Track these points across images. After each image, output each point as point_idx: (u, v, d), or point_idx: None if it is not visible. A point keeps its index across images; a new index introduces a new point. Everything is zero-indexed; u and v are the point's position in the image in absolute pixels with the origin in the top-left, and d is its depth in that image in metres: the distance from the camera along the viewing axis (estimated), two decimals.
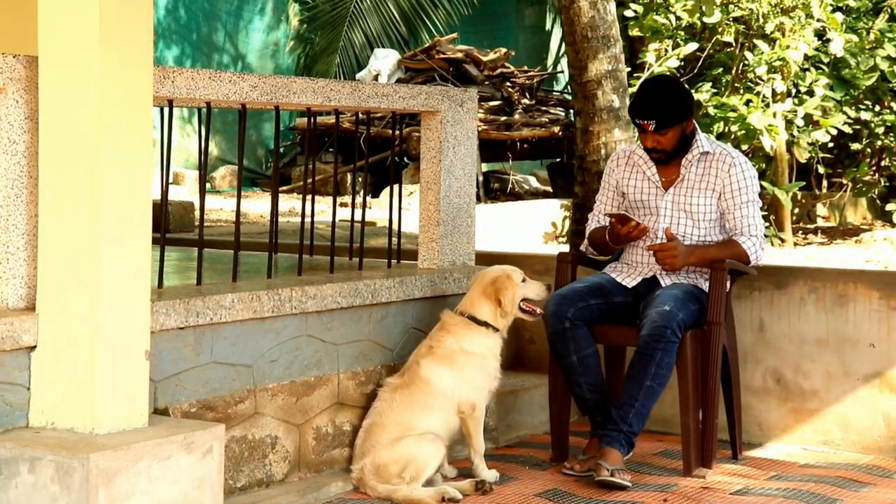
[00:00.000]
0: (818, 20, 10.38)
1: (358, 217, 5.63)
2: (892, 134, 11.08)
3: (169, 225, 8.03)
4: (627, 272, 5.26)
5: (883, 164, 11.74)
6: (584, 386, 5.11)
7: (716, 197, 5.16)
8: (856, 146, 11.53)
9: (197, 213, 8.63)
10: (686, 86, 5.63)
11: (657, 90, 5.18)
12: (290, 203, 11.93)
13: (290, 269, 5.25)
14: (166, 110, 4.69)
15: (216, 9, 16.18)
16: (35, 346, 3.92)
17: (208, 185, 13.99)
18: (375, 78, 14.14)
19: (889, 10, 11.16)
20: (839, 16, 10.51)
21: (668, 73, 6.34)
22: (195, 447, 3.92)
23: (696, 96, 10.69)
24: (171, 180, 5.62)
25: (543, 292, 5.04)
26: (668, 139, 5.10)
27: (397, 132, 7.04)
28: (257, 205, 12.23)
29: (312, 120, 5.54)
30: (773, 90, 10.43)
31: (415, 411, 4.80)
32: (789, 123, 10.43)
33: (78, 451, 3.66)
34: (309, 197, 5.36)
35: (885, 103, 11.16)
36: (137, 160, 3.94)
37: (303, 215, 5.40)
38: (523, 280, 5.02)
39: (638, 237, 5.14)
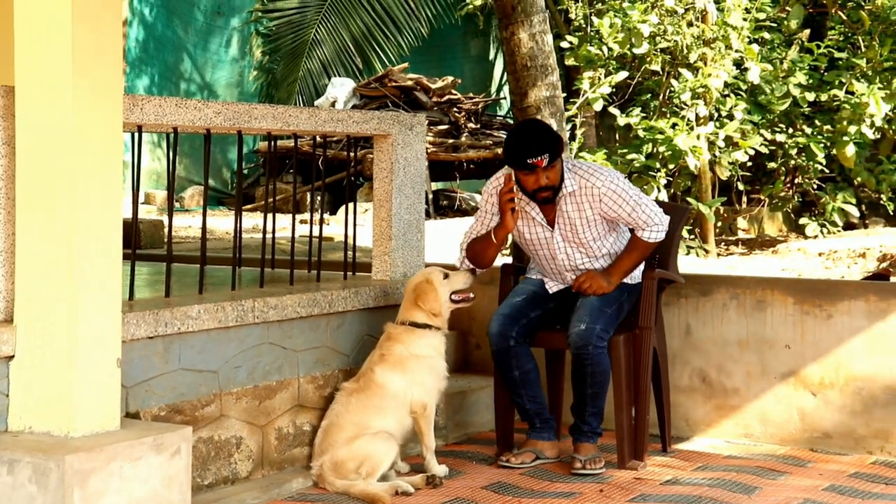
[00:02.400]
0: (736, 51, 10.45)
1: (316, 233, 5.60)
2: (804, 154, 11.18)
3: (140, 241, 7.96)
4: (550, 278, 5.23)
5: (796, 181, 11.83)
6: (524, 397, 5.12)
7: (599, 221, 5.02)
8: (772, 165, 11.61)
9: (166, 230, 8.56)
10: None
11: (536, 128, 4.98)
12: (253, 220, 11.85)
13: (253, 281, 5.22)
14: (136, 135, 4.65)
15: (184, 41, 16.09)
16: (13, 356, 3.87)
17: (177, 205, 13.90)
18: (333, 104, 14.12)
19: (800, 42, 11.26)
20: (756, 47, 10.60)
21: (532, 118, 6.28)
22: (164, 448, 3.88)
23: (627, 120, 10.74)
24: (142, 200, 5.58)
25: (469, 280, 5.04)
26: (555, 173, 4.92)
27: (352, 154, 7.03)
28: (223, 222, 12.14)
29: (273, 143, 5.52)
30: (697, 114, 10.48)
31: (370, 413, 4.78)
32: (711, 144, 10.49)
33: (54, 453, 3.62)
34: (270, 215, 5.33)
35: (798, 126, 11.26)
36: (108, 182, 3.90)
37: (264, 231, 5.37)
38: (446, 277, 5.01)
39: (512, 198, 4.98)
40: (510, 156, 4.92)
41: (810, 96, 10.88)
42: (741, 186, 11.81)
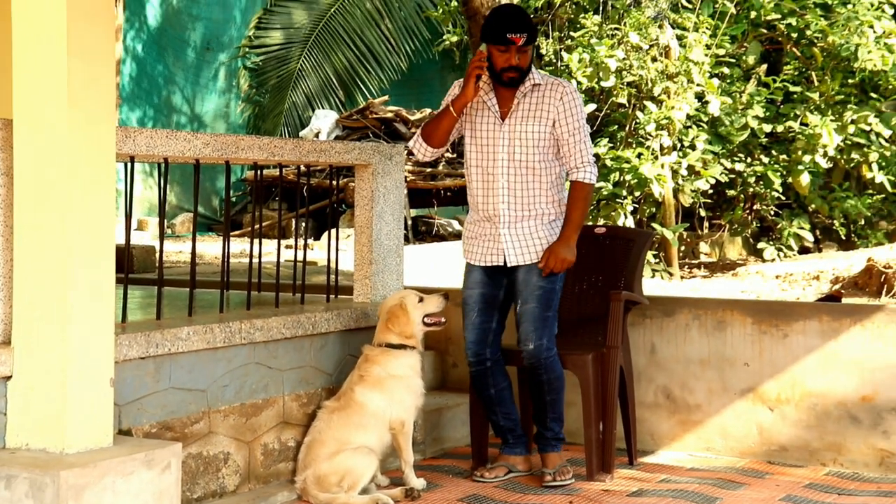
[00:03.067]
0: (698, 85, 10.53)
1: (300, 257, 5.60)
2: (761, 182, 11.25)
3: (133, 266, 7.94)
4: (479, 250, 5.01)
5: (755, 208, 11.91)
6: (499, 414, 5.12)
7: (549, 124, 4.90)
8: (732, 192, 11.68)
9: (158, 255, 8.54)
10: None
11: (519, 9, 4.87)
12: (240, 246, 11.83)
13: (241, 304, 5.21)
14: (129, 165, 4.65)
15: (175, 76, 16.09)
16: (10, 376, 3.86)
17: (168, 231, 13.86)
18: (316, 135, 14.13)
19: (758, 77, 11.35)
20: (716, 81, 10.68)
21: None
22: (155, 463, 3.87)
23: (595, 150, 10.79)
24: (135, 227, 5.55)
25: (441, 304, 5.02)
26: (526, 58, 4.82)
27: (335, 182, 7.03)
28: (212, 247, 12.11)
29: (259, 173, 5.53)
30: (661, 145, 10.54)
31: (351, 430, 4.77)
32: (675, 173, 10.55)
33: (49, 469, 3.61)
34: (257, 240, 5.33)
35: (756, 156, 11.34)
36: (102, 210, 3.90)
37: (251, 256, 5.37)
38: (420, 300, 5.00)
39: (481, 66, 4.82)
40: (491, 29, 4.81)
41: (767, 128, 10.97)
42: (703, 213, 11.88)
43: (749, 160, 11.34)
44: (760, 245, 11.79)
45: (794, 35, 11.09)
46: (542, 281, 4.94)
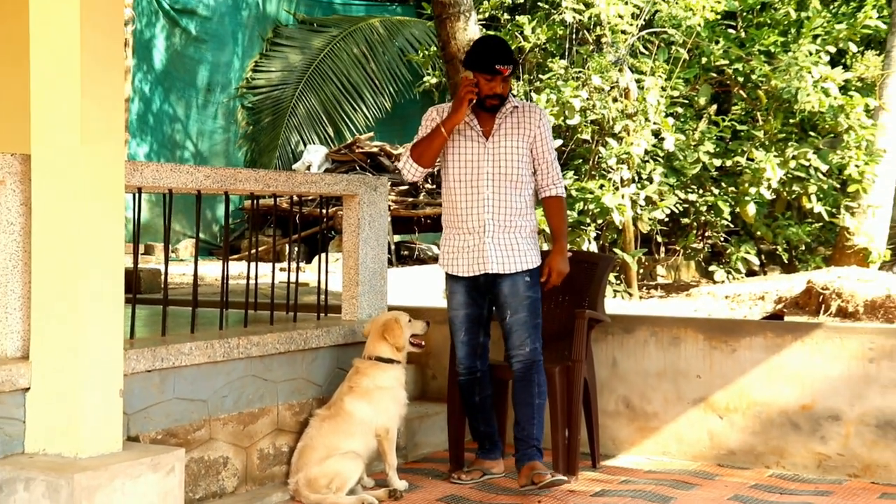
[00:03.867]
0: (654, 123, 10.61)
1: (293, 279, 5.62)
2: (712, 211, 11.32)
3: (140, 287, 7.92)
4: (462, 262, 4.93)
5: (706, 234, 11.97)
6: (479, 420, 5.13)
7: (529, 141, 4.90)
8: (685, 220, 11.74)
9: (163, 277, 8.51)
10: None
11: (503, 43, 4.88)
12: (239, 268, 11.80)
13: (239, 321, 5.22)
14: (137, 196, 4.66)
15: (178, 113, 16.09)
16: (29, 388, 3.86)
17: (173, 255, 13.82)
18: (308, 168, 14.14)
19: (708, 116, 11.44)
20: (671, 120, 10.76)
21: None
22: (160, 467, 3.87)
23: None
24: (143, 252, 5.55)
25: (425, 328, 5.05)
26: (506, 87, 4.86)
27: (325, 211, 7.06)
28: (212, 270, 12.07)
29: (256, 202, 5.54)
30: (622, 177, 10.59)
31: (339, 436, 4.77)
32: (634, 203, 10.60)
33: (64, 472, 3.61)
34: (253, 263, 5.34)
35: (707, 187, 11.40)
36: (111, 236, 3.92)
37: (248, 278, 5.38)
38: (409, 321, 5.04)
39: (473, 90, 4.80)
40: (479, 59, 4.81)
41: (717, 162, 11.04)
42: (660, 239, 11.93)
43: (701, 191, 11.41)
44: (711, 268, 11.85)
45: (741, 79, 11.19)
46: (528, 291, 4.91)
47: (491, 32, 10.44)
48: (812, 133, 11.12)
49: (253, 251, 5.54)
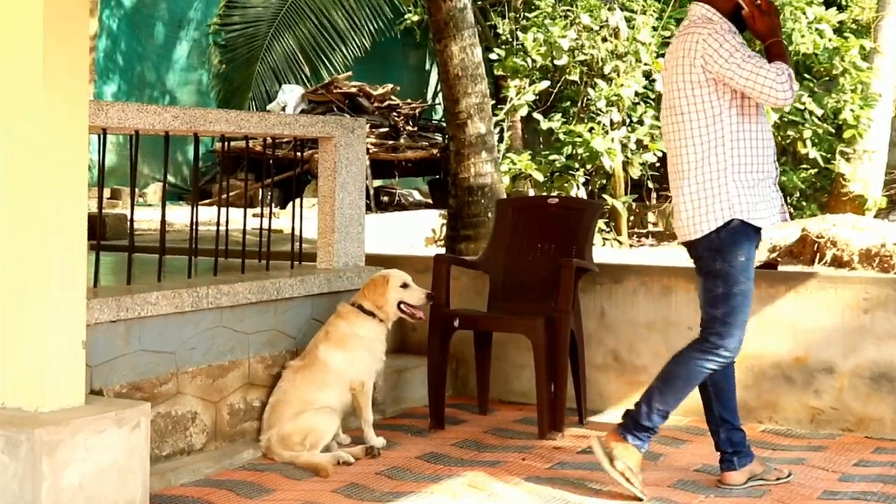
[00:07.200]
0: (645, 64, 10.54)
1: (266, 226, 5.56)
2: None
3: (105, 233, 7.85)
4: (770, 212, 4.39)
5: None
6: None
7: None
8: None
9: (129, 223, 8.42)
10: None
11: None
12: (209, 214, 11.71)
13: (208, 270, 5.16)
14: (101, 137, 4.58)
15: (147, 51, 15.89)
16: None
17: (140, 200, 13.72)
18: (283, 109, 14.00)
19: None
20: (662, 61, 10.70)
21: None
22: (125, 422, 3.84)
23: (549, 125, 10.77)
24: (109, 196, 5.47)
25: (423, 300, 4.96)
26: None
27: (300, 154, 6.97)
28: (181, 216, 11.98)
29: (227, 144, 5.46)
30: (611, 120, 10.55)
31: (313, 389, 4.75)
32: (624, 147, 10.57)
33: (24, 427, 3.57)
34: (224, 209, 5.28)
35: None
36: (74, 180, 3.84)
37: (218, 224, 5.32)
38: (404, 285, 4.96)
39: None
40: None
41: None
42: (651, 184, 11.91)
43: None
44: None
45: None
46: None
47: None
48: (807, 76, 11.07)
49: (224, 196, 5.47)
